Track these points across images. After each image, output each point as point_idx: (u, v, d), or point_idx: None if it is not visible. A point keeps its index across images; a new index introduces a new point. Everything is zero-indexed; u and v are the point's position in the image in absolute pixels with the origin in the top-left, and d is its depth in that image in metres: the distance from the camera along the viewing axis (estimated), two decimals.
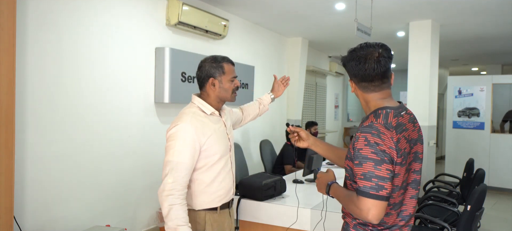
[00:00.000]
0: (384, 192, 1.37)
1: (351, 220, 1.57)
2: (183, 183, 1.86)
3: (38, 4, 3.04)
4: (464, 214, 2.82)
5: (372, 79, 1.52)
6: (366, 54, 1.52)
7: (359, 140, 1.43)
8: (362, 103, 1.62)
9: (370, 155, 1.39)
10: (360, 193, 1.40)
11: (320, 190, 1.72)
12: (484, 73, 11.10)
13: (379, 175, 1.38)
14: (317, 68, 8.21)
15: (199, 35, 4.80)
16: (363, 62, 1.51)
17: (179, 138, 1.88)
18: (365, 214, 1.39)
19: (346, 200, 1.50)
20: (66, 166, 3.28)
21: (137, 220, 4.03)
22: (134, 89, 3.94)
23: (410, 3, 4.84)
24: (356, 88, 1.60)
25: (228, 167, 2.08)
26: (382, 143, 1.39)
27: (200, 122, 1.95)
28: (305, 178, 3.68)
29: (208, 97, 2.06)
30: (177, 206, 1.82)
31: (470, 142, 7.52)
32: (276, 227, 2.69)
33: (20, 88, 2.90)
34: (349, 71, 1.58)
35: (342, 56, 1.66)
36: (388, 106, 1.52)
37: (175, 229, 1.81)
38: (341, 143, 10.34)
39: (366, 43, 1.57)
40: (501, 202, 6.38)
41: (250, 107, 2.58)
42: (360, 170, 1.41)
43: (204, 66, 2.06)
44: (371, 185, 1.38)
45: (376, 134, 1.41)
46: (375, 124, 1.44)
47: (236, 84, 2.08)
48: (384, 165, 1.38)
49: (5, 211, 2.47)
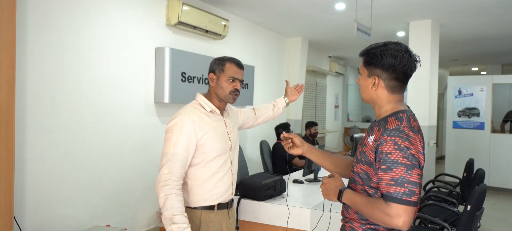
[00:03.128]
0: (415, 197, 1.33)
1: (360, 226, 1.50)
2: (178, 174, 1.89)
3: (38, 4, 3.04)
4: (464, 214, 2.82)
5: (405, 79, 1.47)
6: (401, 51, 1.45)
7: (386, 143, 1.36)
8: (377, 103, 1.53)
9: (401, 160, 1.33)
10: (391, 199, 1.33)
11: (327, 196, 1.61)
12: (484, 73, 11.10)
13: (411, 180, 1.32)
14: (317, 68, 8.21)
15: (199, 35, 4.81)
16: (401, 59, 1.44)
17: (176, 130, 1.93)
18: (396, 221, 1.32)
19: (368, 206, 1.42)
20: (66, 166, 3.29)
21: (137, 220, 4.03)
22: (134, 89, 3.94)
23: (410, 3, 4.84)
24: (379, 87, 1.49)
25: (227, 166, 2.08)
26: (412, 147, 1.35)
27: (198, 116, 1.99)
28: (305, 178, 3.69)
29: (210, 95, 2.11)
30: (172, 196, 1.85)
31: (470, 142, 7.51)
32: (276, 227, 2.68)
33: (20, 88, 2.90)
34: (382, 67, 1.46)
35: (366, 50, 1.53)
36: (406, 110, 1.48)
37: (171, 218, 1.83)
38: (341, 143, 10.34)
39: (389, 41, 1.50)
40: (501, 202, 6.38)
41: (263, 109, 2.60)
42: (390, 175, 1.34)
43: (210, 64, 2.13)
44: (404, 191, 1.32)
45: (405, 137, 1.36)
46: (402, 127, 1.39)
47: (235, 86, 2.07)
48: (415, 170, 1.34)
49: (5, 211, 2.47)
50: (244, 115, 2.44)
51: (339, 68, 9.41)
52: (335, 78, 10.01)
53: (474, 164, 4.72)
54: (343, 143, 10.35)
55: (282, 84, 6.86)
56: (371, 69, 1.50)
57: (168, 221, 1.83)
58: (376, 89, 1.51)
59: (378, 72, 1.48)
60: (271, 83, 6.59)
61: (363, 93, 1.57)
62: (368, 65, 1.52)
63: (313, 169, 3.63)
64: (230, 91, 2.06)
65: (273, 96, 6.56)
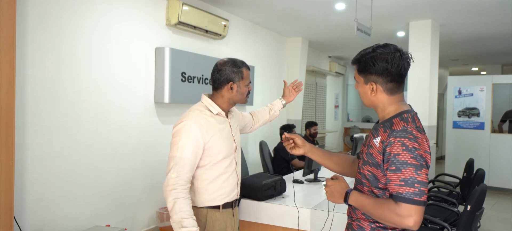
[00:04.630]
0: (425, 197, 1.35)
1: (368, 224, 1.52)
2: (185, 178, 1.92)
3: (38, 4, 3.04)
4: (464, 214, 2.82)
5: (401, 79, 1.49)
6: (391, 53, 1.47)
7: (394, 144, 1.38)
8: (379, 106, 1.54)
9: (410, 160, 1.35)
10: (401, 199, 1.35)
11: (332, 198, 1.60)
12: (484, 73, 11.10)
13: (421, 180, 1.35)
14: (317, 68, 8.21)
15: (199, 35, 4.81)
16: (392, 61, 1.46)
17: (183, 134, 1.94)
18: (407, 221, 1.34)
19: (377, 207, 1.43)
20: (66, 166, 3.29)
21: (137, 220, 4.03)
22: (134, 89, 3.94)
23: (410, 3, 4.84)
24: (377, 91, 1.51)
25: (232, 167, 2.11)
26: (419, 147, 1.37)
27: (205, 120, 2.00)
28: (305, 178, 3.69)
29: (220, 98, 2.10)
30: (180, 200, 1.87)
31: (470, 142, 7.51)
32: (276, 227, 2.69)
33: (20, 88, 2.90)
34: (376, 72, 1.48)
35: (356, 59, 1.56)
36: (409, 110, 1.49)
37: (180, 222, 1.86)
38: (341, 143, 10.34)
39: (377, 44, 1.52)
40: (501, 202, 6.38)
41: (260, 113, 2.61)
42: (399, 175, 1.36)
43: (225, 70, 2.08)
44: (414, 191, 1.34)
45: (413, 138, 1.38)
46: (409, 128, 1.41)
47: (249, 88, 2.15)
48: (424, 170, 1.36)
49: (5, 211, 2.47)
50: (245, 119, 2.47)
51: (339, 68, 9.41)
52: (335, 78, 10.02)
53: (474, 164, 4.72)
54: (343, 143, 10.35)
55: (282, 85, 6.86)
56: (366, 76, 1.52)
57: (177, 225, 1.87)
58: (375, 95, 1.52)
59: (373, 78, 1.50)
60: (271, 83, 6.59)
61: (364, 99, 1.59)
62: (362, 72, 1.54)
63: (313, 169, 3.63)
64: (246, 94, 2.14)
65: (273, 96, 6.56)
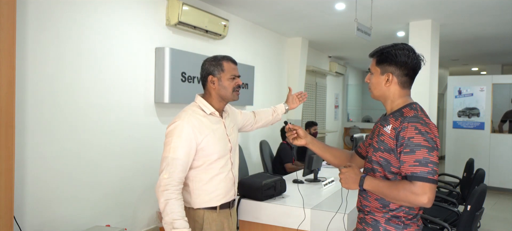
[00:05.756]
0: (436, 176, 1.47)
1: (382, 215, 1.60)
2: (177, 179, 1.90)
3: (38, 4, 3.04)
4: (464, 214, 2.82)
5: (414, 75, 1.64)
6: (411, 50, 1.62)
7: (408, 129, 1.50)
8: (389, 97, 1.65)
9: (423, 142, 1.47)
10: (417, 178, 1.45)
11: (347, 184, 1.64)
12: (484, 73, 11.10)
13: (433, 160, 1.46)
14: (317, 68, 8.21)
15: (199, 35, 4.81)
16: (412, 57, 1.60)
17: (175, 135, 1.93)
18: (422, 198, 1.44)
19: (392, 188, 1.51)
20: (66, 165, 3.29)
21: (137, 220, 4.03)
22: (134, 89, 3.94)
23: (410, 3, 4.84)
24: (392, 83, 1.63)
25: (228, 167, 2.09)
26: (430, 132, 1.50)
27: (198, 120, 1.99)
28: (305, 178, 3.69)
29: (210, 96, 2.09)
30: (172, 201, 1.86)
31: (470, 142, 7.51)
32: (276, 227, 2.69)
33: (20, 88, 2.90)
34: (396, 64, 1.61)
35: (377, 51, 1.67)
36: (416, 102, 1.64)
37: (171, 223, 1.85)
38: (341, 143, 10.34)
39: (395, 43, 1.66)
40: (501, 202, 6.38)
41: (263, 113, 2.61)
42: (413, 157, 1.47)
43: (204, 65, 2.10)
44: (428, 170, 1.45)
45: (424, 123, 1.51)
46: (419, 114, 1.55)
47: (237, 83, 2.09)
48: (435, 151, 1.48)
49: (5, 210, 2.47)
50: (244, 117, 2.44)
51: (339, 68, 9.41)
52: (335, 78, 10.02)
53: (474, 164, 4.72)
54: (343, 142, 10.35)
55: (282, 85, 6.87)
56: (385, 67, 1.64)
57: (168, 226, 1.86)
58: (389, 86, 1.65)
59: (391, 70, 1.63)
60: (271, 83, 6.59)
61: (375, 90, 1.70)
62: (381, 64, 1.65)
63: (313, 169, 3.63)
64: (233, 88, 2.07)
65: (273, 96, 6.56)
